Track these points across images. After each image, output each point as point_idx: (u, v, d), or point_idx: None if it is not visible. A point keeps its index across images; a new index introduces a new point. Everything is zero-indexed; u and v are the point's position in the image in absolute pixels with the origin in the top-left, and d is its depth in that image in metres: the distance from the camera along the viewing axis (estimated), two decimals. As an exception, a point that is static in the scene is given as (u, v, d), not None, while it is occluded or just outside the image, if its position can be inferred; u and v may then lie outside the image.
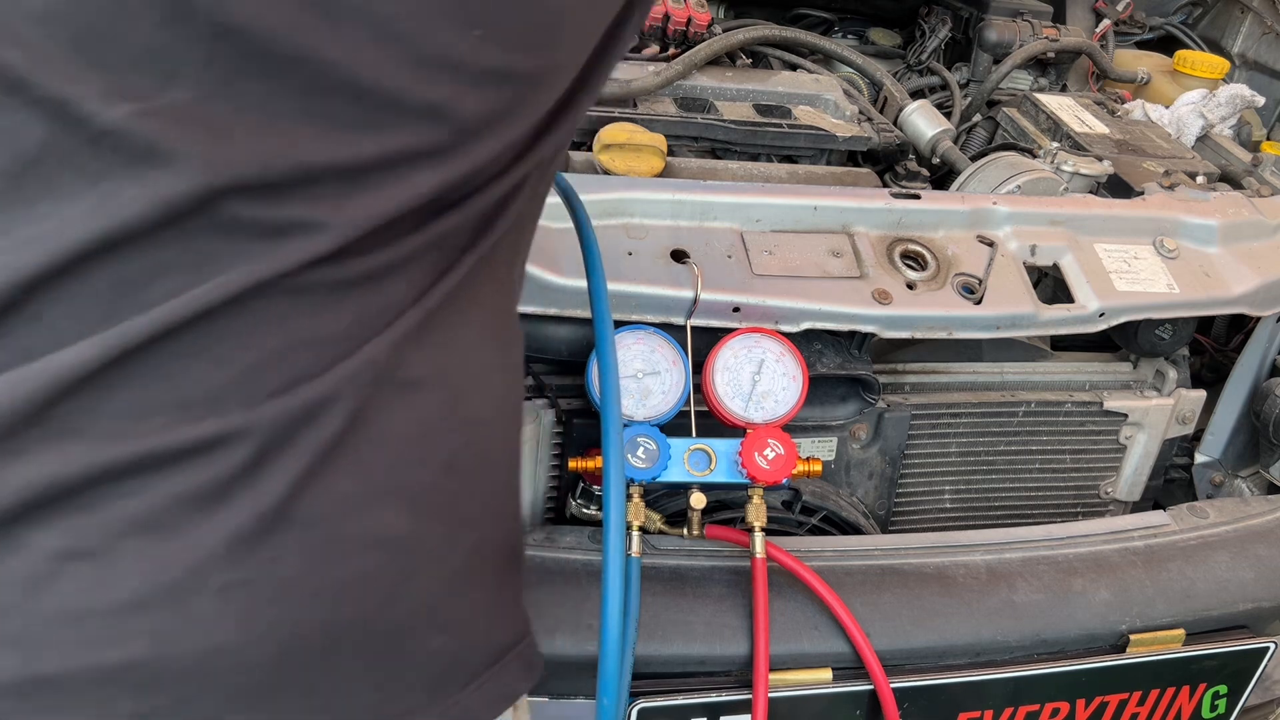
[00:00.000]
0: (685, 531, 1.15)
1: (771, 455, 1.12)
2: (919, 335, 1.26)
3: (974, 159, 1.52)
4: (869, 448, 1.37)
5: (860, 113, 1.57)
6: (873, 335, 1.25)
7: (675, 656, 1.12)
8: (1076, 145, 1.59)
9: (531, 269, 1.14)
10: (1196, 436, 1.59)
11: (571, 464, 1.15)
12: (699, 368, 1.17)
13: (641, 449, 1.11)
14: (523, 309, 1.16)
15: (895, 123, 1.63)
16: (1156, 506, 1.51)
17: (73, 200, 0.47)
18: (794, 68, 1.69)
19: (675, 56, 1.53)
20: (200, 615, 0.52)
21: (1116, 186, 1.50)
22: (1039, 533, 1.32)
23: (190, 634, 0.52)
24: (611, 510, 0.88)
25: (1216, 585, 1.29)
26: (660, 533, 1.16)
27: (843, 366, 1.28)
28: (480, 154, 0.55)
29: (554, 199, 1.18)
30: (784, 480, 1.13)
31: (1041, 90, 1.90)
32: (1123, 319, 1.32)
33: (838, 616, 1.14)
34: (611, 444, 0.91)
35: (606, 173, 1.32)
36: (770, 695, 1.09)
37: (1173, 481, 1.63)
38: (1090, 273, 1.33)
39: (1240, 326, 1.62)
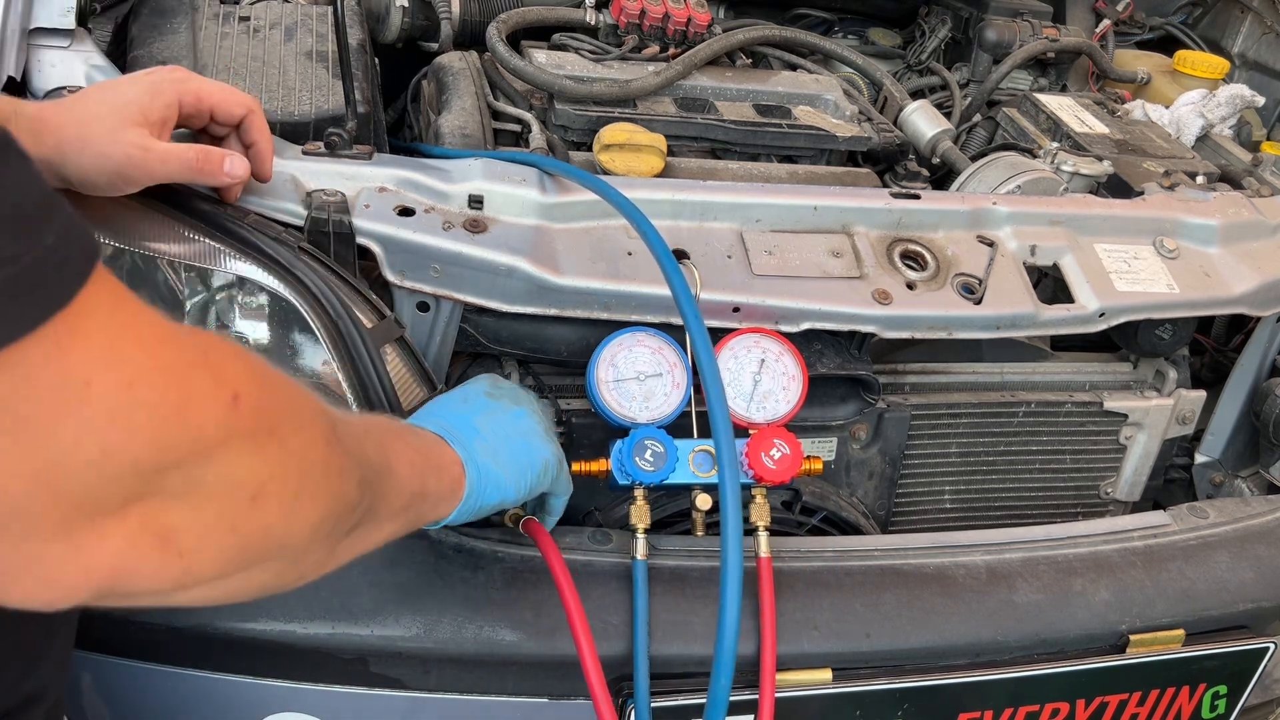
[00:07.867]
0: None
1: (778, 455, 1.12)
2: (919, 335, 1.26)
3: (974, 159, 1.52)
4: (869, 448, 1.37)
5: (860, 113, 1.57)
6: (873, 335, 1.25)
7: (675, 656, 1.11)
8: (1076, 145, 1.59)
9: (531, 269, 1.14)
10: (1196, 436, 1.59)
11: (575, 466, 1.14)
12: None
13: (649, 452, 1.11)
14: (523, 309, 1.17)
15: (895, 123, 1.62)
16: (1156, 506, 1.51)
17: None
18: (794, 68, 1.69)
19: (675, 56, 1.53)
20: None
21: (1116, 186, 1.50)
22: (1039, 533, 1.32)
23: None
24: (729, 518, 0.90)
25: (1216, 585, 1.29)
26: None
27: (843, 366, 1.28)
28: None
29: (555, 198, 1.19)
30: (789, 479, 1.12)
31: (1041, 90, 1.90)
32: (1123, 319, 1.32)
33: (569, 615, 1.03)
34: (725, 458, 0.92)
35: (606, 173, 1.32)
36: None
37: (1173, 481, 1.63)
38: (1090, 273, 1.32)
39: (1240, 326, 1.62)
